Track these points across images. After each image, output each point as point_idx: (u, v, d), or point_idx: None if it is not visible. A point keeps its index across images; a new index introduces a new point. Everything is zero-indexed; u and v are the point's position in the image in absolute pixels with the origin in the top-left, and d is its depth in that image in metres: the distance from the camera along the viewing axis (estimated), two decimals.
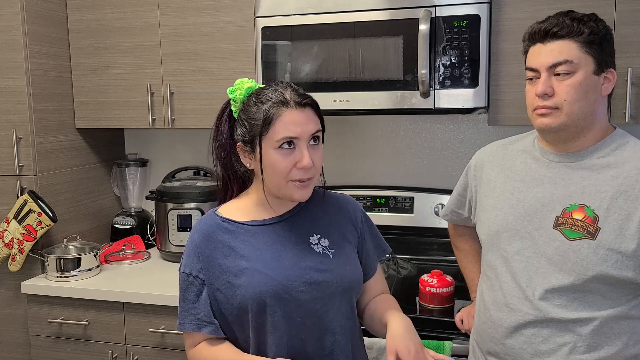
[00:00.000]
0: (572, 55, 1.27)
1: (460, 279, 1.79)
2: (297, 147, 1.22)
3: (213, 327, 1.27)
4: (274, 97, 1.23)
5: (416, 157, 2.39)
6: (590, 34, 1.27)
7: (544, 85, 1.28)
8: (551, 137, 1.35)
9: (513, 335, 1.33)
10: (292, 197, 1.25)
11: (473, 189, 1.56)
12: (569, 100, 1.27)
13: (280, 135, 1.21)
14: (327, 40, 1.99)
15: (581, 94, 1.28)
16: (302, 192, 1.24)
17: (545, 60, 1.29)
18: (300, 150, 1.21)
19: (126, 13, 2.26)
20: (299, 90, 1.26)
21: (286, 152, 1.21)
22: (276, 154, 1.21)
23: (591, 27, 1.27)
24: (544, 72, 1.29)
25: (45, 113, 2.24)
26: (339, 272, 1.27)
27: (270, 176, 1.24)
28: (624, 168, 1.28)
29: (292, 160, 1.21)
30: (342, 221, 1.36)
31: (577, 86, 1.27)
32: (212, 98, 2.20)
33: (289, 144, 1.21)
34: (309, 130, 1.22)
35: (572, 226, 1.28)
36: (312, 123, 1.23)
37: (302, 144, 1.22)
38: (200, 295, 1.27)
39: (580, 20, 1.28)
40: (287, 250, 1.27)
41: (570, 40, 1.27)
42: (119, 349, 2.07)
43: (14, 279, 2.22)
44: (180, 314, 1.30)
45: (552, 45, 1.28)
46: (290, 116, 1.21)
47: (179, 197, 2.33)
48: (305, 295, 1.24)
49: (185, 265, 1.30)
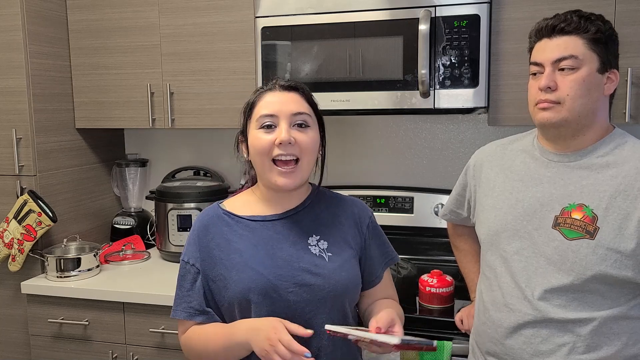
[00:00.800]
0: (578, 51, 1.27)
1: (460, 279, 1.79)
2: (277, 126, 1.24)
3: (205, 316, 1.28)
4: (265, 86, 1.30)
5: (416, 157, 2.39)
6: (597, 32, 1.28)
7: (547, 79, 1.29)
8: (551, 134, 1.35)
9: (512, 335, 1.33)
10: (275, 182, 1.25)
11: (472, 188, 1.56)
12: (572, 95, 1.28)
13: (258, 114, 1.25)
14: (327, 40, 1.99)
15: (584, 90, 1.28)
16: (284, 179, 1.24)
17: (550, 54, 1.29)
18: (279, 127, 1.23)
19: (126, 13, 2.26)
20: (291, 80, 1.30)
21: (267, 131, 1.24)
22: (257, 133, 1.25)
23: (598, 25, 1.28)
24: (549, 67, 1.30)
25: (45, 113, 2.24)
26: (333, 276, 1.25)
27: (254, 157, 1.27)
28: (623, 167, 1.28)
29: (272, 137, 1.23)
30: (346, 225, 1.34)
31: (580, 82, 1.27)
32: (212, 98, 2.20)
33: (270, 126, 1.24)
34: (289, 109, 1.24)
35: (571, 226, 1.28)
36: (295, 104, 1.25)
37: (281, 122, 1.24)
38: (194, 283, 1.28)
39: (588, 18, 1.29)
40: (283, 249, 1.27)
41: (576, 36, 1.28)
42: (119, 349, 2.07)
43: (14, 279, 2.22)
44: (174, 301, 1.31)
45: (558, 40, 1.29)
46: (271, 97, 1.26)
47: (178, 197, 2.33)
48: (295, 296, 1.23)
49: (185, 253, 1.32)
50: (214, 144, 2.62)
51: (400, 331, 1.17)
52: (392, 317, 1.19)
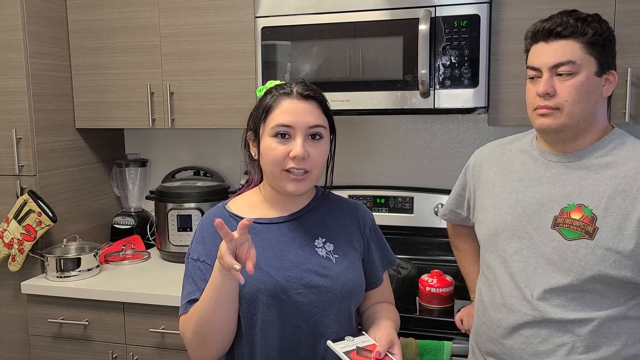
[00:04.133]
0: (575, 56, 1.26)
1: (460, 279, 1.79)
2: (293, 138, 1.23)
3: None
4: (281, 89, 1.26)
5: (416, 157, 2.39)
6: (594, 34, 1.26)
7: (545, 85, 1.28)
8: (550, 138, 1.35)
9: (511, 335, 1.33)
10: (285, 188, 1.25)
11: (471, 188, 1.56)
12: (571, 101, 1.27)
13: (275, 122, 1.23)
14: (327, 40, 1.99)
15: (582, 95, 1.27)
16: (294, 185, 1.24)
17: (547, 59, 1.28)
18: (295, 140, 1.22)
19: (126, 13, 2.26)
20: (309, 86, 1.27)
21: (281, 141, 1.22)
22: (271, 142, 1.23)
23: (595, 27, 1.26)
24: (546, 72, 1.28)
25: (45, 113, 2.24)
26: (340, 278, 1.26)
27: (266, 164, 1.26)
28: (623, 168, 1.28)
29: (286, 149, 1.22)
30: (350, 227, 1.36)
31: (579, 87, 1.26)
32: (212, 98, 2.20)
33: (284, 135, 1.22)
34: (306, 121, 1.22)
35: (570, 226, 1.28)
36: (312, 116, 1.24)
37: (297, 134, 1.22)
38: (205, 280, 1.24)
39: (585, 20, 1.27)
40: (290, 250, 1.27)
41: (573, 40, 1.26)
42: (118, 349, 2.07)
43: (14, 279, 2.22)
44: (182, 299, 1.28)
45: (555, 45, 1.28)
46: (289, 105, 1.23)
47: (178, 197, 2.33)
48: (303, 297, 1.23)
49: (193, 251, 1.30)
50: (214, 144, 2.62)
51: (399, 353, 1.19)
52: (391, 337, 1.21)
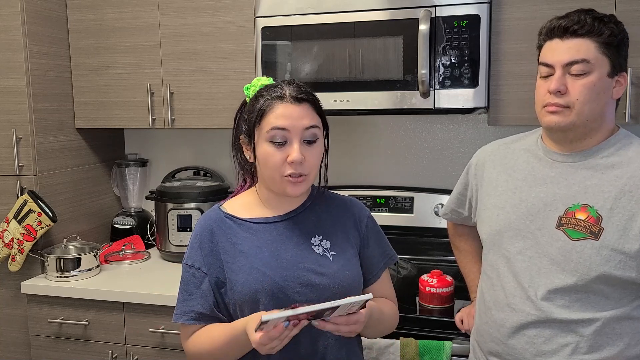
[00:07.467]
0: (590, 55, 1.25)
1: (460, 279, 1.79)
2: (289, 142, 1.22)
3: (207, 320, 1.27)
4: (273, 91, 1.25)
5: (416, 157, 2.39)
6: (610, 35, 1.25)
7: (558, 82, 1.27)
8: (557, 136, 1.34)
9: (515, 335, 1.33)
10: (284, 191, 1.25)
11: (474, 187, 1.55)
12: (582, 100, 1.26)
13: (270, 125, 1.22)
14: (327, 40, 1.99)
15: (594, 95, 1.27)
16: (294, 188, 1.24)
17: (562, 57, 1.27)
18: (291, 145, 1.22)
19: (126, 13, 2.26)
20: (301, 87, 1.26)
21: (278, 147, 1.22)
22: (268, 147, 1.23)
23: (611, 28, 1.26)
24: (559, 69, 1.27)
25: (45, 113, 2.24)
26: (338, 276, 1.27)
27: (263, 169, 1.26)
28: (628, 168, 1.28)
29: (284, 154, 1.22)
30: (347, 224, 1.35)
31: (591, 87, 1.26)
32: (212, 98, 2.20)
33: (280, 143, 1.22)
34: (302, 124, 1.22)
35: (575, 226, 1.28)
36: (306, 118, 1.23)
37: (293, 138, 1.22)
38: (199, 287, 1.28)
39: (602, 20, 1.26)
40: (287, 249, 1.27)
41: (589, 39, 1.26)
42: (118, 349, 2.07)
43: (14, 279, 2.21)
44: (177, 305, 1.31)
45: (570, 43, 1.27)
46: (283, 109, 1.23)
47: (178, 197, 2.33)
48: (301, 296, 1.23)
49: (189, 257, 1.31)
50: (214, 144, 2.62)
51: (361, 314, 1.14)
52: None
